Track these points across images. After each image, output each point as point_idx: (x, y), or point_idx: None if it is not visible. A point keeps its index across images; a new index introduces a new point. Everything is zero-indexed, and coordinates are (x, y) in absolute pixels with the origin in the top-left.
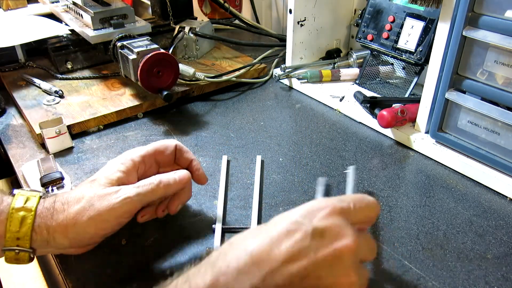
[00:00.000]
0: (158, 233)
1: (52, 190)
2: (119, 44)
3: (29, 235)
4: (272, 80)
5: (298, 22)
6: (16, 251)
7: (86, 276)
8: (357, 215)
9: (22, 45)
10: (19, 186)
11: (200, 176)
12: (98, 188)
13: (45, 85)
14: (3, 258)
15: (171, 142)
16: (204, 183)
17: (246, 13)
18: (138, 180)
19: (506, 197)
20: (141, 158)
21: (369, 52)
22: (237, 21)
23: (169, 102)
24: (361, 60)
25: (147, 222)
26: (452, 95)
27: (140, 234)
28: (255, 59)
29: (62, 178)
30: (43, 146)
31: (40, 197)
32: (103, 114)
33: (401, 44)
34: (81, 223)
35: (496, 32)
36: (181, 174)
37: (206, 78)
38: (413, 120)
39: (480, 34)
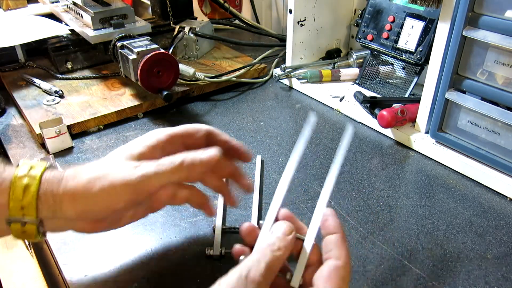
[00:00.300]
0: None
1: None
2: (119, 44)
3: (34, 203)
4: (272, 80)
5: (298, 22)
6: (22, 222)
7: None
8: None
9: (22, 45)
10: None
11: (243, 154)
12: (117, 160)
13: (45, 85)
14: (3, 259)
15: (203, 126)
16: (248, 160)
17: (246, 13)
18: None
19: (506, 197)
20: (168, 137)
21: (369, 52)
22: (237, 21)
23: (169, 102)
24: (361, 60)
25: (146, 220)
26: (452, 95)
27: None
28: (255, 59)
29: None
30: (43, 146)
31: (47, 167)
32: (103, 114)
33: (401, 44)
34: (91, 193)
35: (496, 32)
36: (209, 153)
37: (206, 78)
38: (413, 120)
39: (480, 34)
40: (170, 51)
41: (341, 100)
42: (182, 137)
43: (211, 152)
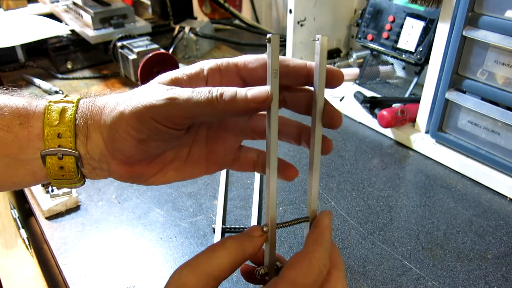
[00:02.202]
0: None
1: (52, 190)
2: (119, 44)
3: (72, 129)
4: None
5: (298, 22)
6: (59, 154)
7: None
8: None
9: (22, 45)
10: None
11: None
12: (149, 85)
13: (45, 85)
14: (2, 259)
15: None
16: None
17: (246, 13)
18: None
19: (506, 197)
20: (216, 66)
21: (369, 52)
22: (237, 21)
23: None
24: (361, 60)
25: (146, 220)
26: (452, 95)
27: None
28: None
29: None
30: None
31: (82, 96)
32: None
33: (401, 44)
34: (114, 116)
35: (496, 32)
36: (257, 90)
37: None
38: (413, 120)
39: (480, 34)
40: (170, 51)
41: (341, 100)
42: (238, 67)
43: (263, 90)
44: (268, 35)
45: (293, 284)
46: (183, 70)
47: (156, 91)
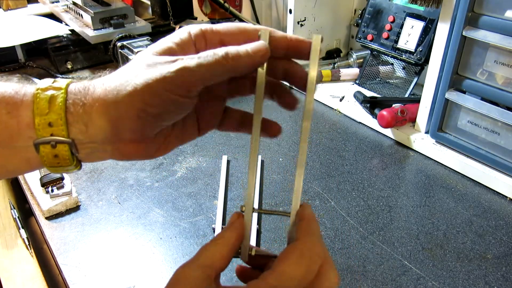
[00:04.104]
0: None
1: (52, 190)
2: (119, 44)
3: (63, 116)
4: None
5: (298, 22)
6: (52, 143)
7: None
8: None
9: (22, 45)
10: (19, 186)
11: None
12: (147, 60)
13: None
14: (2, 259)
15: (250, 25)
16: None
17: (246, 13)
18: None
19: (506, 197)
20: (200, 32)
21: (369, 52)
22: (237, 21)
23: None
24: (361, 60)
25: (146, 220)
26: (452, 95)
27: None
28: None
29: (62, 178)
30: None
31: (71, 81)
32: None
33: (401, 44)
34: (124, 95)
35: (496, 32)
36: (256, 45)
37: None
38: (413, 120)
39: (480, 34)
40: None
41: (341, 100)
42: (220, 34)
43: (259, 43)
44: (259, 32)
45: (281, 276)
46: (172, 39)
47: (162, 64)
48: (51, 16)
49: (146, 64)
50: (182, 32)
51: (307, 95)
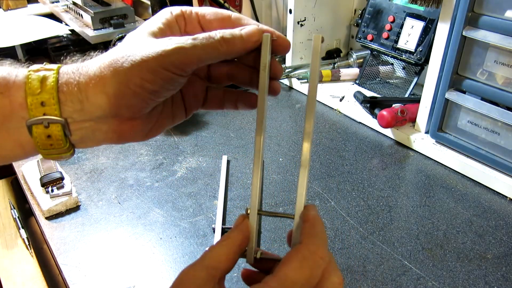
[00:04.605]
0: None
1: (52, 190)
2: (119, 44)
3: (55, 96)
4: None
5: (298, 22)
6: (45, 123)
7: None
8: None
9: (22, 45)
10: (19, 186)
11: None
12: (142, 39)
13: None
14: (2, 259)
15: (227, 11)
16: (287, 48)
17: (246, 13)
18: None
19: (506, 197)
20: (180, 12)
21: (369, 52)
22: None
23: None
24: (361, 60)
25: (146, 220)
26: (452, 95)
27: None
28: None
29: (62, 178)
30: None
31: (62, 64)
32: None
33: (401, 44)
34: (122, 70)
35: (496, 32)
36: (248, 29)
37: None
38: (413, 120)
39: (480, 34)
40: None
41: (341, 100)
42: (198, 17)
43: (252, 28)
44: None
45: (283, 280)
46: (160, 19)
47: (159, 43)
48: (51, 16)
49: (141, 43)
50: (166, 13)
51: (308, 96)
